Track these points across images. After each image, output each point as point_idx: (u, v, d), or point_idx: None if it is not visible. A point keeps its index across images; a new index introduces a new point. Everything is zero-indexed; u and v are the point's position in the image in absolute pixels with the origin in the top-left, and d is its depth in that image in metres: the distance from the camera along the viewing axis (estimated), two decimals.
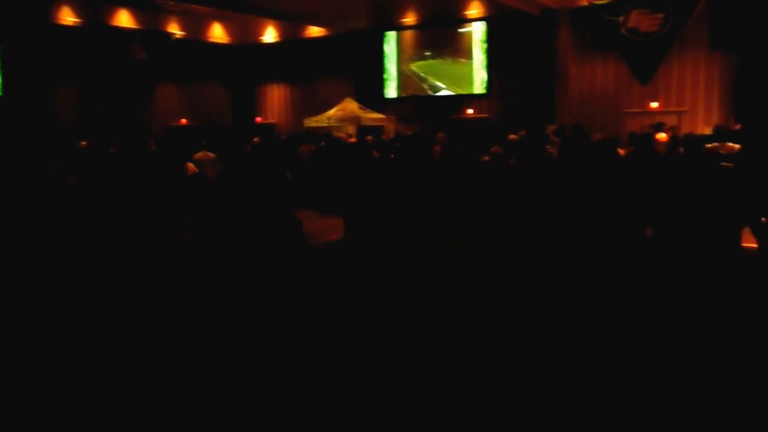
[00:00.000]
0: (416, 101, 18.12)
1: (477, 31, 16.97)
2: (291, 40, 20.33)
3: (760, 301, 4.81)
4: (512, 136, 9.56)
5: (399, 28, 18.23)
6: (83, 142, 11.34)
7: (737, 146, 7.13)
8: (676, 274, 5.17)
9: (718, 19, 12.40)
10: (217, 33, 20.60)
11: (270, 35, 20.85)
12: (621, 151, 7.94)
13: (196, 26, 19.71)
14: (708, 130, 11.73)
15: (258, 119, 21.57)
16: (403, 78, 18.50)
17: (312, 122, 17.40)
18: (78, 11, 16.52)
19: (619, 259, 5.47)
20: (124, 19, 17.55)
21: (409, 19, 17.93)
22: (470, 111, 17.33)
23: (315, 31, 19.70)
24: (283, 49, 20.61)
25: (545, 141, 9.22)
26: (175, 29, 18.96)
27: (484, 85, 17.03)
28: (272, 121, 21.36)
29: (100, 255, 4.61)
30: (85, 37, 16.42)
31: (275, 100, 21.56)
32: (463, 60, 17.33)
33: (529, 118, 14.37)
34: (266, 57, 20.95)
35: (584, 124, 12.48)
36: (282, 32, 20.50)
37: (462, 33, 17.30)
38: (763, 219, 5.51)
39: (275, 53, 20.80)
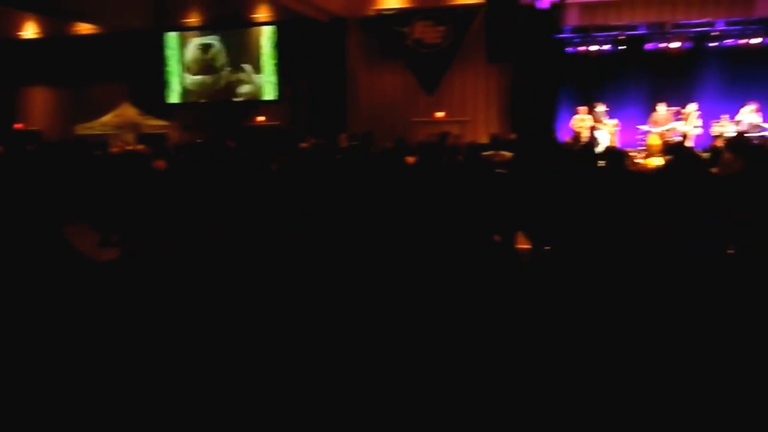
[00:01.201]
0: (203, 107, 17.63)
1: (266, 36, 16.97)
2: (57, 37, 18.72)
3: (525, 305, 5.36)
4: (303, 145, 9.72)
5: (182, 28, 17.64)
6: None
7: (509, 154, 7.97)
8: (453, 272, 5.59)
9: (493, 33, 13.68)
10: None
11: (30, 30, 19.03)
12: (410, 159, 8.42)
13: None
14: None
15: (18, 125, 19.53)
16: (187, 82, 17.91)
17: (84, 129, 16.15)
18: None
19: (406, 261, 5.79)
20: None
21: (193, 19, 17.45)
22: (261, 118, 17.27)
23: (85, 28, 18.34)
24: (47, 47, 18.90)
25: (337, 150, 9.51)
26: None
27: (275, 92, 17.06)
28: (35, 127, 19.47)
29: None
30: None
31: (39, 104, 19.71)
32: (252, 65, 17.22)
33: (321, 126, 14.68)
34: (27, 55, 19.06)
35: (376, 132, 13.08)
36: (45, 28, 18.80)
37: (250, 37, 17.18)
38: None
39: (38, 51, 19.00)
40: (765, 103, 13.60)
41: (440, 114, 15.28)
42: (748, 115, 12.88)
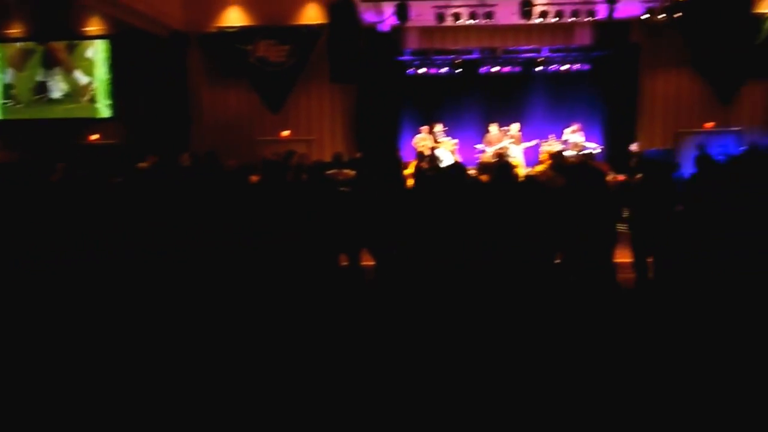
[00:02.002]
0: (28, 125, 16.61)
1: (99, 50, 16.36)
2: None
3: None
4: (142, 164, 9.59)
5: (3, 39, 16.60)
6: None
7: (352, 172, 8.42)
8: (297, 289, 5.90)
9: (336, 54, 14.17)
10: None
11: None
12: (254, 178, 8.59)
13: None
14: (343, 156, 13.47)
15: None
16: (9, 97, 16.81)
17: None
18: None
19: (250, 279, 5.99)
20: None
21: (16, 30, 16.48)
22: (95, 136, 16.58)
23: None
24: None
25: (179, 169, 9.47)
26: None
27: (110, 110, 16.46)
28: None
29: None
30: None
31: None
32: (84, 80, 16.52)
33: (161, 144, 14.39)
34: None
35: (219, 151, 13.05)
36: None
37: (81, 50, 16.48)
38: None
39: None
40: (586, 124, 15.25)
41: (286, 133, 15.54)
42: (572, 135, 14.36)
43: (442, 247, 6.06)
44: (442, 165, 11.05)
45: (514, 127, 14.55)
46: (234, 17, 15.18)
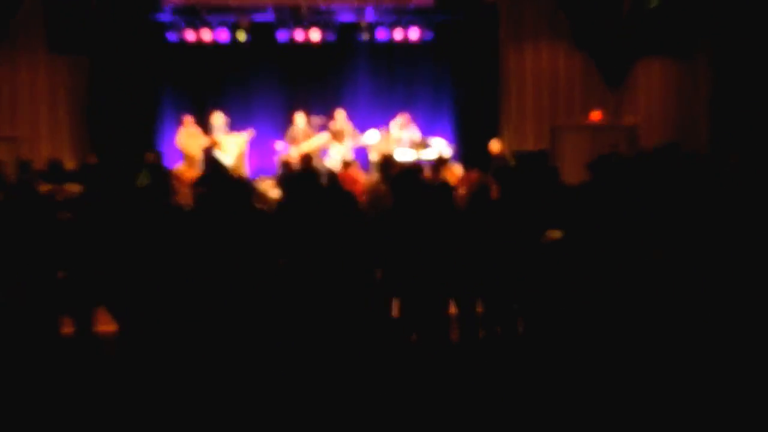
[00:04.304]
0: None
1: None
2: None
3: None
4: None
5: None
6: None
7: (77, 188, 8.09)
8: None
9: (57, 13, 13.73)
10: None
11: None
12: None
13: None
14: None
15: None
16: None
17: None
18: None
19: None
20: None
21: None
22: None
23: None
24: None
25: None
26: None
27: None
28: None
29: None
30: None
31: None
32: None
33: None
34: None
35: None
36: None
37: None
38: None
39: None
40: (428, 113, 15.83)
41: None
42: (401, 131, 14.59)
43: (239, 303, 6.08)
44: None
45: (340, 117, 14.63)
46: None
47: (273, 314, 6.02)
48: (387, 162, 9.98)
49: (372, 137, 14.46)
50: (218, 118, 14.44)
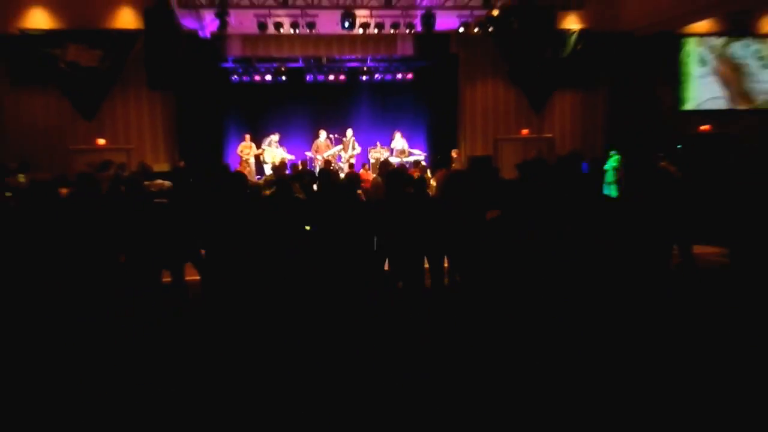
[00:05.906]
0: None
1: None
2: None
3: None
4: None
5: None
6: None
7: (168, 183, 8.22)
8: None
9: (153, 60, 13.73)
10: None
11: None
12: (63, 191, 8.15)
13: None
14: (161, 167, 13.06)
15: None
16: None
17: None
18: None
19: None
20: None
21: None
22: None
23: None
24: None
25: None
26: None
27: None
28: None
29: None
30: None
31: None
32: None
33: None
34: None
35: (30, 161, 12.24)
36: None
37: None
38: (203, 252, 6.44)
39: None
40: (411, 131, 16.03)
41: (102, 141, 14.78)
42: (397, 142, 15.03)
43: (275, 260, 6.10)
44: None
45: (348, 134, 15.15)
46: (38, 19, 14.17)
47: (310, 262, 6.08)
48: (384, 164, 10.04)
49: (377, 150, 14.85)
50: (275, 137, 14.96)
